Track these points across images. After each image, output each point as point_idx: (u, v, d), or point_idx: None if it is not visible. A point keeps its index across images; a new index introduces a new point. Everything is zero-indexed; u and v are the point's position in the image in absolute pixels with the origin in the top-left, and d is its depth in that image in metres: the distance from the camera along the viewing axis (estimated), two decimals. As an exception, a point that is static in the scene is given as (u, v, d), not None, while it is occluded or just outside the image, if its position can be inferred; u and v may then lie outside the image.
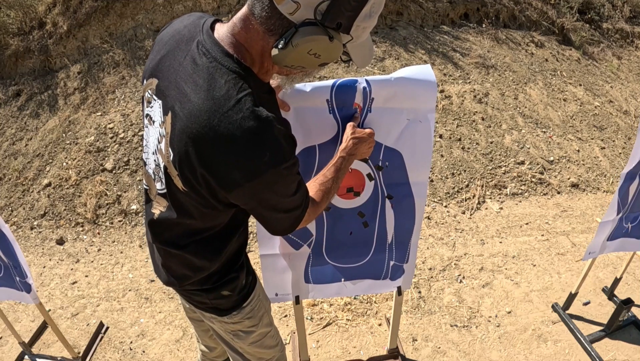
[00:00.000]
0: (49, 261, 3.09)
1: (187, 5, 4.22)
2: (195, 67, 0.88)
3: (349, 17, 0.83)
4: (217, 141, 0.83)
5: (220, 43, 0.89)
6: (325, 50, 0.84)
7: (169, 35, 1.00)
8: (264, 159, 0.85)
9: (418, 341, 2.37)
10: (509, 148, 3.80)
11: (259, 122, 0.84)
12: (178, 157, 0.90)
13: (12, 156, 3.79)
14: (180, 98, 0.89)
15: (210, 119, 0.83)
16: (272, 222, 1.02)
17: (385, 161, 1.43)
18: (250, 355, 1.40)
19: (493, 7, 4.97)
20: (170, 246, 1.10)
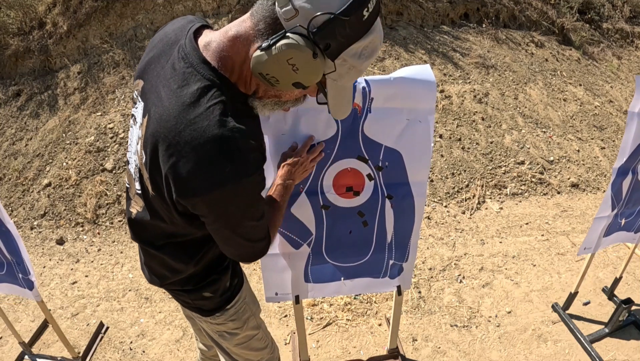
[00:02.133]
0: (49, 261, 3.09)
1: (187, 5, 4.22)
2: (173, 72, 0.88)
3: (340, 43, 0.81)
4: (182, 147, 0.82)
5: (199, 49, 0.89)
6: (304, 65, 0.81)
7: (159, 38, 1.00)
8: (226, 170, 0.82)
9: (418, 341, 2.37)
10: (509, 148, 3.80)
11: (224, 131, 0.82)
12: (149, 159, 0.89)
13: (12, 156, 3.79)
14: (156, 102, 0.89)
15: (177, 124, 0.82)
16: (232, 244, 0.99)
17: (385, 161, 1.43)
18: (237, 355, 1.41)
19: (493, 7, 4.97)
20: (148, 246, 1.11)
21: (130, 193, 1.10)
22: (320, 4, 0.77)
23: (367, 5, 0.79)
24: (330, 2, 0.77)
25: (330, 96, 0.91)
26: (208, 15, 4.26)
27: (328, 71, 0.85)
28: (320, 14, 0.77)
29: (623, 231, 2.20)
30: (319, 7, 0.77)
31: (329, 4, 0.77)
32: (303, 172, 1.28)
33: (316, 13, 0.78)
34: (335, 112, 0.95)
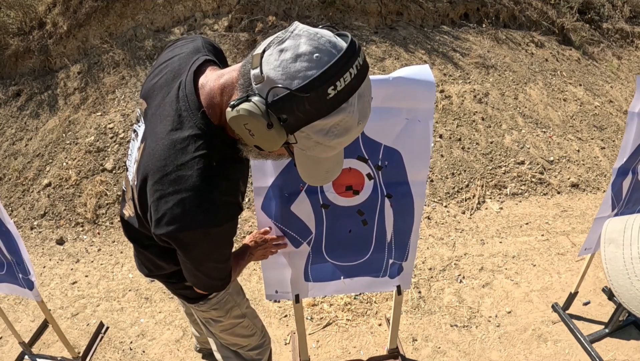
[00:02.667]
0: (49, 261, 3.09)
1: (187, 5, 4.22)
2: (171, 110, 0.94)
3: (297, 118, 0.78)
4: (165, 188, 0.90)
5: (198, 92, 0.93)
6: (259, 133, 0.81)
7: (166, 60, 1.05)
8: (198, 217, 0.90)
9: (418, 341, 2.37)
10: (509, 148, 3.80)
11: (203, 184, 0.89)
12: (139, 186, 0.97)
13: (12, 156, 3.80)
14: (152, 135, 0.96)
15: (166, 166, 0.90)
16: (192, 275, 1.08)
17: (384, 161, 1.43)
18: (224, 340, 1.53)
19: (493, 7, 4.97)
20: (136, 244, 1.23)
21: (125, 196, 1.20)
22: (283, 75, 0.76)
23: (334, 84, 0.75)
24: (294, 76, 0.76)
25: (298, 163, 0.90)
26: (208, 15, 4.26)
27: (290, 141, 0.84)
28: (279, 87, 0.76)
29: None
30: (281, 79, 0.76)
31: (292, 77, 0.76)
32: (262, 254, 1.48)
33: (276, 84, 0.76)
34: (305, 179, 0.94)
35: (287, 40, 0.77)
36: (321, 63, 0.75)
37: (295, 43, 0.76)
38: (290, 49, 0.76)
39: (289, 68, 0.76)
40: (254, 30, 4.12)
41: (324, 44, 0.77)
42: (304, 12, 4.31)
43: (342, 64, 0.75)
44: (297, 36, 0.77)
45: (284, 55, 0.76)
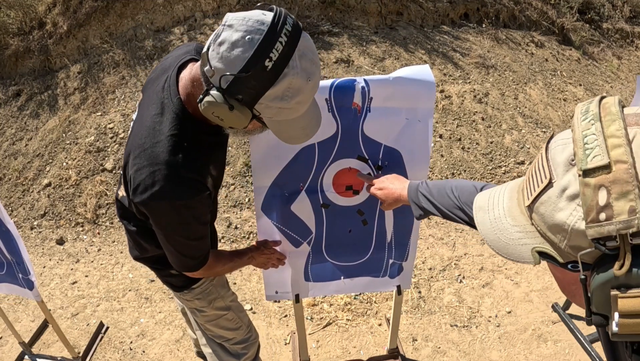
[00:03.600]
0: (49, 261, 3.09)
1: (187, 5, 4.23)
2: (155, 99, 1.08)
3: (250, 94, 0.90)
4: (142, 161, 1.03)
5: (178, 83, 1.06)
6: (226, 116, 0.93)
7: (163, 60, 1.20)
8: (164, 189, 1.02)
9: (418, 341, 2.37)
10: (509, 148, 3.80)
11: (171, 159, 1.01)
12: (124, 162, 1.11)
13: (12, 156, 3.80)
14: (139, 118, 1.11)
15: (144, 143, 1.03)
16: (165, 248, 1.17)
17: (384, 160, 1.43)
18: (210, 332, 1.58)
19: (493, 7, 4.97)
20: (127, 222, 1.30)
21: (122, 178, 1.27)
22: (226, 63, 0.88)
23: (269, 56, 0.86)
24: (234, 61, 0.87)
25: (274, 130, 1.02)
26: (208, 15, 4.26)
27: (256, 114, 0.95)
28: (227, 74, 0.88)
29: None
30: (226, 67, 0.88)
31: (233, 63, 0.87)
32: (263, 262, 1.52)
33: (224, 73, 0.88)
34: (287, 141, 1.06)
35: (222, 33, 0.88)
36: (253, 43, 0.86)
37: (228, 34, 0.87)
38: (226, 41, 0.87)
39: (229, 57, 0.87)
40: (254, 30, 4.12)
41: (252, 25, 0.86)
42: (304, 12, 4.31)
43: (270, 37, 0.86)
44: (228, 27, 0.88)
45: (222, 47, 0.87)
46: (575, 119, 0.51)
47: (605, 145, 0.46)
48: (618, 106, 0.49)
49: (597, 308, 0.51)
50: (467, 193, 1.02)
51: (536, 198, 0.53)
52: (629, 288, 0.47)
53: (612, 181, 0.45)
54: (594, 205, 0.46)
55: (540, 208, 0.53)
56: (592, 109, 0.50)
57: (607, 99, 0.51)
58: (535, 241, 0.56)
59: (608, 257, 0.47)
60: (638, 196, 0.44)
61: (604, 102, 0.50)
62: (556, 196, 0.51)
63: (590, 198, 0.46)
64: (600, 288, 0.49)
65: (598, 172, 0.46)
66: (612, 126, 0.47)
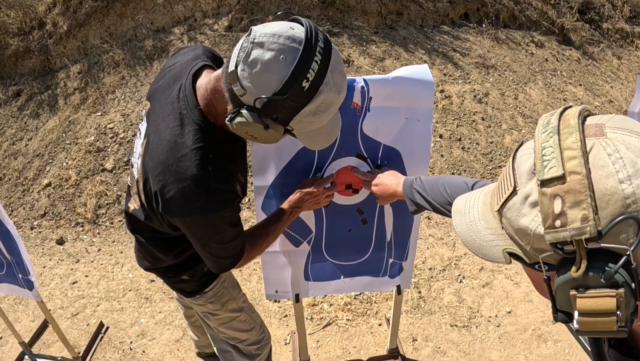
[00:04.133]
0: (49, 261, 3.09)
1: (187, 5, 4.23)
2: (172, 110, 1.04)
3: (287, 114, 0.91)
4: (167, 177, 1.00)
5: (196, 92, 1.03)
6: (261, 135, 0.94)
7: (170, 66, 1.15)
8: (196, 204, 1.01)
9: (418, 341, 2.37)
10: (509, 148, 3.80)
11: (199, 173, 0.99)
12: (143, 178, 1.08)
13: (12, 156, 3.80)
14: (155, 131, 1.06)
15: (167, 158, 1.00)
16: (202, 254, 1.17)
17: (384, 160, 1.43)
18: (223, 334, 1.56)
19: (493, 7, 4.97)
20: (139, 235, 1.28)
21: (131, 191, 1.25)
22: (260, 85, 0.87)
23: (306, 77, 0.86)
24: (269, 83, 0.86)
25: (302, 139, 1.03)
26: (208, 15, 4.26)
27: (288, 129, 0.97)
28: (263, 96, 0.87)
29: None
30: (260, 89, 0.87)
31: (268, 84, 0.87)
32: (315, 204, 1.38)
33: (259, 94, 0.88)
34: (312, 147, 1.08)
35: (252, 52, 0.86)
36: (287, 63, 0.85)
37: (260, 53, 0.85)
38: (258, 61, 0.86)
39: (262, 78, 0.86)
40: (254, 31, 4.12)
41: (284, 43, 0.85)
42: (304, 12, 4.31)
43: (306, 57, 0.85)
44: (258, 46, 0.86)
45: (254, 69, 0.86)
46: (537, 131, 0.55)
47: (561, 157, 0.49)
48: (577, 119, 0.51)
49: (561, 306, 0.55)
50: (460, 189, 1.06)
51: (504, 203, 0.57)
52: (587, 288, 0.50)
53: (566, 190, 0.48)
54: (550, 213, 0.49)
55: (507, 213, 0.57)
56: (552, 122, 0.53)
57: (568, 111, 0.54)
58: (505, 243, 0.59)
59: (567, 260, 0.51)
60: (590, 205, 0.47)
61: (565, 115, 0.53)
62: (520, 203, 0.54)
63: (547, 206, 0.50)
64: (561, 288, 0.53)
65: (554, 183, 0.49)
66: (569, 139, 0.50)
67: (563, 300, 0.54)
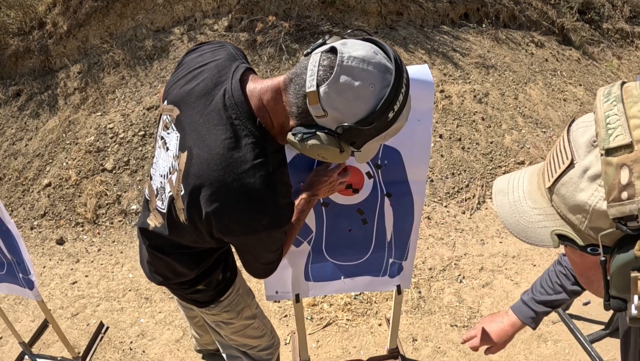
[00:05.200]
0: (49, 261, 3.09)
1: (187, 5, 4.23)
2: (220, 120, 0.94)
3: (364, 140, 0.91)
4: (227, 195, 0.93)
5: (248, 101, 0.95)
6: (332, 157, 0.92)
7: (198, 66, 1.04)
8: (263, 222, 0.96)
9: (418, 341, 2.37)
10: (509, 148, 3.80)
11: (266, 190, 0.93)
12: (189, 196, 0.98)
13: (12, 156, 3.80)
14: (200, 143, 0.95)
15: (225, 175, 0.92)
16: (251, 266, 1.14)
17: (384, 160, 1.43)
18: (235, 342, 1.52)
19: (493, 7, 4.97)
20: (158, 252, 1.21)
21: (150, 206, 1.19)
22: (347, 112, 0.85)
23: (392, 108, 0.85)
24: (356, 110, 0.84)
25: (359, 159, 1.02)
26: (208, 15, 4.26)
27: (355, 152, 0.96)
28: (347, 124, 0.85)
29: None
30: (346, 115, 0.85)
31: (355, 112, 0.84)
32: (329, 190, 1.32)
33: (343, 121, 0.86)
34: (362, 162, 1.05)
35: (341, 76, 0.82)
36: (376, 92, 0.83)
37: (349, 80, 0.82)
38: (347, 88, 0.82)
39: (350, 105, 0.84)
40: (254, 30, 4.12)
41: (374, 71, 0.83)
42: (304, 12, 4.31)
43: (395, 89, 0.84)
44: (348, 69, 0.82)
45: (342, 94, 0.83)
46: (598, 101, 0.52)
47: (628, 125, 0.46)
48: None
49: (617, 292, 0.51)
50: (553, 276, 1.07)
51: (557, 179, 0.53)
52: None
53: (634, 160, 0.45)
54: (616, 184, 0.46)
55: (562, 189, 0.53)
56: (614, 92, 0.50)
57: (629, 84, 0.51)
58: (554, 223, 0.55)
59: (629, 238, 0.47)
60: None
61: (626, 86, 0.51)
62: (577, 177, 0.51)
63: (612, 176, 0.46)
64: (620, 270, 0.49)
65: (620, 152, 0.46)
66: (634, 107, 0.47)
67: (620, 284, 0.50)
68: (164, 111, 1.08)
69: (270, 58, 3.99)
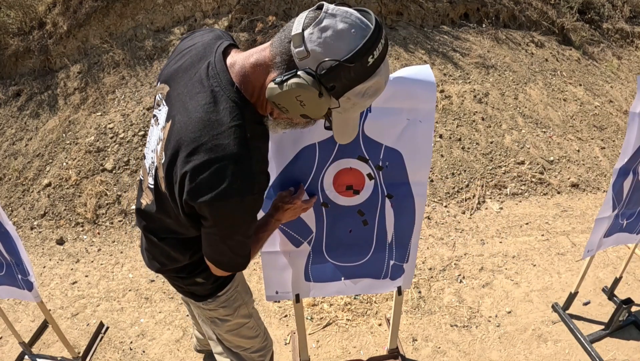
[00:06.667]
0: (49, 261, 3.09)
1: (187, 5, 4.22)
2: (201, 87, 0.98)
3: (344, 85, 0.90)
4: (201, 156, 0.93)
5: (228, 70, 0.99)
6: (310, 102, 0.91)
7: (187, 47, 1.10)
8: (234, 185, 0.93)
9: (418, 341, 2.37)
10: (509, 148, 3.80)
11: (240, 152, 0.93)
12: (168, 160, 0.99)
13: (12, 156, 3.79)
14: (182, 111, 0.99)
15: (201, 136, 0.93)
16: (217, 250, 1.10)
17: (385, 161, 1.43)
18: (228, 342, 1.51)
19: (493, 7, 4.97)
20: (152, 235, 1.23)
21: (143, 185, 1.21)
22: (328, 50, 0.87)
23: (373, 53, 0.88)
24: (338, 49, 0.87)
25: (335, 124, 1.01)
26: (208, 15, 4.26)
27: (333, 106, 0.95)
28: (328, 60, 0.87)
29: (625, 232, 2.20)
30: (327, 53, 0.87)
31: (336, 51, 0.87)
32: (292, 215, 1.37)
33: (324, 58, 0.87)
34: (338, 138, 1.05)
35: (325, 19, 0.87)
36: (358, 37, 0.87)
37: (333, 22, 0.87)
38: (330, 28, 0.87)
39: (332, 44, 0.87)
40: (254, 30, 4.12)
41: (356, 20, 0.88)
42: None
43: (375, 37, 0.88)
44: (331, 15, 0.88)
45: (325, 33, 0.87)
46: None
47: None
48: None
49: None
50: None
51: None
52: None
53: None
54: None
55: None
56: None
57: None
58: None
59: None
60: None
61: None
62: None
63: None
64: None
65: None
66: None
67: None
68: (157, 91, 1.12)
69: (270, 58, 3.99)
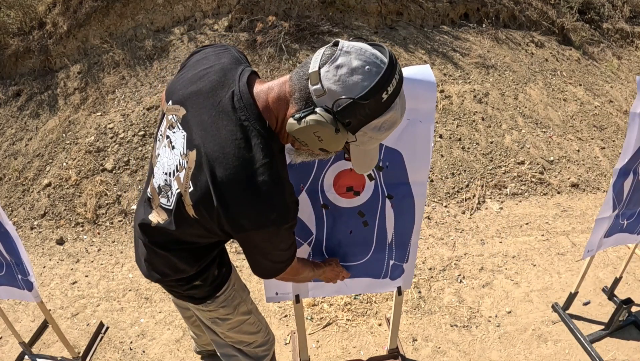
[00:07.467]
0: (49, 261, 3.09)
1: (187, 5, 4.22)
2: (229, 120, 1.01)
3: (359, 121, 0.94)
4: (239, 193, 1.00)
5: (256, 102, 1.02)
6: (328, 137, 0.95)
7: (203, 68, 1.11)
8: (271, 217, 1.02)
9: (418, 341, 2.37)
10: (509, 148, 3.80)
11: (274, 187, 1.01)
12: (199, 193, 1.04)
13: (12, 156, 3.79)
14: (209, 143, 1.02)
15: (237, 173, 0.99)
16: (258, 265, 1.19)
17: (385, 161, 1.43)
18: (230, 339, 1.53)
19: (493, 7, 4.97)
20: (158, 247, 1.24)
21: (152, 204, 1.22)
22: (344, 88, 0.91)
23: (387, 89, 0.92)
24: (353, 87, 0.91)
25: (353, 156, 1.06)
26: (208, 15, 4.26)
27: (350, 140, 0.99)
28: (343, 97, 0.91)
29: (625, 233, 2.20)
30: (342, 91, 0.91)
31: (351, 88, 0.91)
32: (332, 278, 1.56)
33: (340, 96, 0.91)
34: (358, 169, 1.11)
35: (340, 57, 0.92)
36: (373, 74, 0.91)
37: (347, 59, 0.91)
38: (345, 65, 0.91)
39: (347, 81, 0.91)
40: (254, 30, 4.12)
41: (370, 57, 0.92)
42: (304, 12, 4.31)
43: (389, 73, 0.92)
44: (346, 53, 0.92)
45: (340, 70, 0.91)
46: None
47: None
48: None
49: None
50: None
51: None
52: None
53: None
54: None
55: None
56: None
57: None
58: None
59: None
60: None
61: None
62: None
63: None
64: None
65: None
66: None
67: None
68: (169, 111, 1.13)
69: (270, 58, 3.99)
